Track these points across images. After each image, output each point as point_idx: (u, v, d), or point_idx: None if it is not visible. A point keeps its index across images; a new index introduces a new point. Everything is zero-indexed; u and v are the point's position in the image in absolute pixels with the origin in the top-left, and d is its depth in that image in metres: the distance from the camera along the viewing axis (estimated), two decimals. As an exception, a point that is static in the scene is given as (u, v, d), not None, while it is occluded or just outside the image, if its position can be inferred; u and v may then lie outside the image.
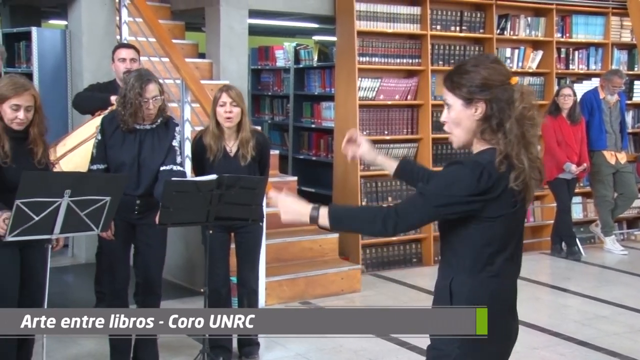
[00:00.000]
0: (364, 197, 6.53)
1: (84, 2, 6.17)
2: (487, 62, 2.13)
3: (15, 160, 3.33)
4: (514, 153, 2.07)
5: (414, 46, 6.81)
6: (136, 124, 3.78)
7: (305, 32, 11.20)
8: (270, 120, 8.98)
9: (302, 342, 4.61)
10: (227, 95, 4.01)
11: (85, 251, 6.31)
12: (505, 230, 2.14)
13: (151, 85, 3.73)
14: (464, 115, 2.12)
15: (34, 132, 3.39)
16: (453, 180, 2.08)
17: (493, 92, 2.08)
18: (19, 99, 3.30)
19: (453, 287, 2.16)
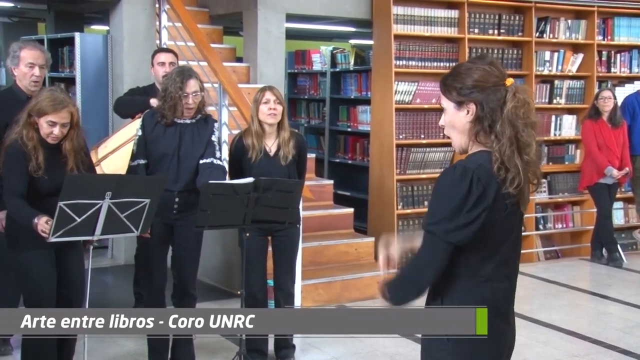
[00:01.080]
0: (400, 201, 6.51)
1: (125, 8, 6.28)
2: (481, 64, 2.10)
3: (48, 170, 3.37)
4: (506, 157, 2.03)
5: (451, 49, 6.77)
6: (176, 118, 3.83)
7: (342, 36, 11.22)
8: (306, 124, 9.01)
9: (338, 346, 4.61)
10: (271, 93, 4.07)
11: (124, 252, 6.41)
12: (495, 235, 2.08)
13: (192, 81, 3.80)
14: (457, 118, 2.11)
15: (66, 146, 3.42)
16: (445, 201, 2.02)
17: (484, 94, 2.06)
18: (55, 115, 3.34)
19: (444, 294, 2.14)
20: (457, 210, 2.00)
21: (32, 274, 3.43)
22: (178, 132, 3.85)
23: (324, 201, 6.15)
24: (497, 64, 2.13)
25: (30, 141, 3.34)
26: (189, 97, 3.79)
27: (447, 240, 2.02)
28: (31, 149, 3.34)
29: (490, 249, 2.10)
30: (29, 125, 3.36)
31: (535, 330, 4.98)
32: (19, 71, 4.02)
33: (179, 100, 3.77)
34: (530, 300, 5.70)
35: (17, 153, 3.35)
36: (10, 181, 3.39)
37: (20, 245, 3.43)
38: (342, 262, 5.76)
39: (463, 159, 2.11)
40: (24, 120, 3.37)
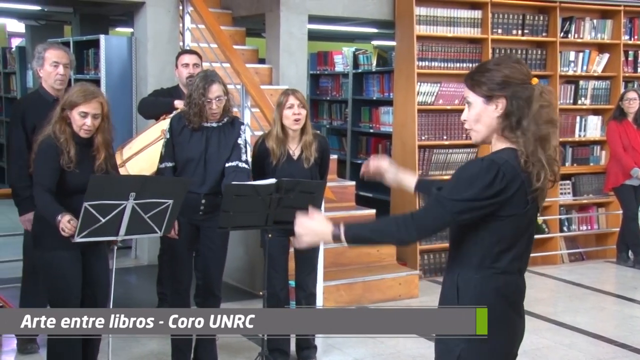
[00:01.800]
0: (422, 202, 6.47)
1: (149, 10, 6.34)
2: (509, 62, 2.17)
3: (79, 165, 3.42)
4: (530, 150, 2.10)
5: (474, 50, 6.73)
6: (202, 122, 3.86)
7: (364, 37, 11.22)
8: (328, 125, 9.01)
9: (360, 347, 4.61)
10: (295, 97, 4.07)
11: (147, 253, 6.46)
12: (514, 229, 2.15)
13: (215, 86, 3.82)
14: (485, 112, 2.16)
15: (98, 139, 3.48)
16: (467, 183, 2.09)
17: (513, 90, 2.12)
18: (87, 106, 3.40)
19: (459, 283, 2.20)
20: (474, 197, 2.07)
21: (58, 273, 3.47)
22: (204, 136, 3.88)
23: (346, 202, 6.15)
24: (523, 63, 2.21)
25: (63, 134, 3.40)
26: (212, 103, 3.82)
27: (456, 217, 2.10)
28: (63, 142, 3.39)
29: (508, 243, 2.16)
30: (62, 120, 3.43)
31: (560, 333, 4.93)
32: (44, 71, 4.09)
33: (203, 106, 3.80)
34: (554, 303, 5.65)
35: (50, 148, 3.40)
36: (40, 175, 3.44)
37: (46, 244, 3.48)
38: (364, 263, 5.76)
39: (490, 154, 2.17)
40: (57, 114, 3.44)
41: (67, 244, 3.29)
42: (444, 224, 2.15)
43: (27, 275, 4.32)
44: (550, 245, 7.07)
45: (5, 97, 10.45)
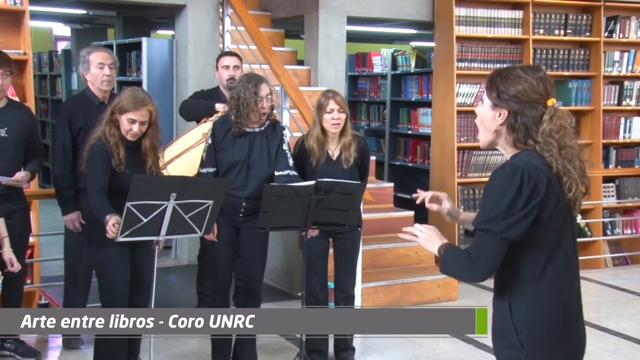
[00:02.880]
0: (461, 204, 6.42)
1: (190, 13, 6.42)
2: (532, 76, 2.11)
3: (129, 166, 3.50)
4: (560, 165, 2.06)
5: (515, 51, 6.65)
6: (247, 126, 3.89)
7: (402, 38, 11.17)
8: (366, 127, 9.00)
9: (398, 349, 4.59)
10: (335, 102, 4.06)
11: (187, 253, 6.54)
12: (556, 230, 2.09)
13: (264, 85, 3.89)
14: (488, 115, 2.15)
15: (146, 144, 3.58)
16: (498, 198, 2.03)
17: (520, 106, 2.09)
18: (135, 113, 3.48)
19: (512, 301, 2.12)
20: (511, 208, 2.02)
21: (108, 270, 3.56)
22: (248, 142, 3.91)
23: (385, 204, 6.13)
24: (547, 80, 2.14)
25: (112, 137, 3.50)
26: (263, 101, 3.85)
27: (503, 237, 2.03)
28: (113, 145, 3.49)
29: (550, 247, 2.09)
30: (111, 123, 3.52)
31: (604, 339, 4.83)
32: (91, 74, 4.16)
33: (255, 105, 3.82)
34: (598, 308, 5.53)
35: (101, 150, 3.50)
36: (94, 175, 3.53)
37: (97, 241, 3.57)
38: (403, 265, 5.73)
39: (509, 159, 2.14)
40: (107, 117, 3.53)
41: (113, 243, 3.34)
42: (498, 250, 2.04)
43: (69, 274, 4.41)
44: (593, 249, 6.93)
45: (51, 99, 10.70)
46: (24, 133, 4.06)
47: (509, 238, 2.03)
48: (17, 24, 4.82)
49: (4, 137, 3.90)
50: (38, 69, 10.68)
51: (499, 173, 2.07)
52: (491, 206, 2.05)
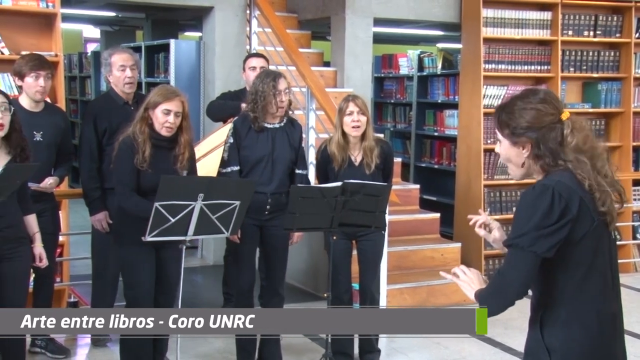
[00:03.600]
0: (487, 206, 6.38)
1: (217, 15, 6.46)
2: (534, 102, 2.07)
3: (153, 166, 3.51)
4: (592, 179, 2.02)
5: (543, 52, 6.59)
6: (266, 122, 3.93)
7: (429, 40, 11.13)
8: (392, 128, 8.98)
9: (424, 351, 4.58)
10: (354, 104, 4.07)
11: (213, 253, 6.59)
12: (590, 250, 2.04)
13: (282, 79, 3.93)
14: (513, 153, 2.11)
15: (184, 138, 3.59)
16: (527, 216, 2.00)
17: (539, 133, 2.05)
18: (169, 104, 3.50)
19: (544, 320, 2.08)
20: (541, 224, 1.98)
21: (132, 269, 3.60)
22: (270, 137, 3.94)
23: (410, 206, 6.12)
24: (551, 99, 2.09)
25: (142, 135, 3.51)
26: (281, 95, 3.88)
27: (532, 250, 1.99)
28: (140, 142, 3.50)
29: (584, 268, 2.04)
30: (143, 120, 3.53)
31: (635, 345, 4.76)
32: (113, 76, 4.21)
33: (273, 98, 3.85)
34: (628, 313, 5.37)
35: (127, 148, 3.52)
36: (122, 173, 3.55)
37: (123, 241, 3.61)
38: (428, 267, 5.71)
39: (541, 179, 2.09)
40: (140, 114, 3.54)
41: (142, 241, 3.37)
42: (528, 264, 2.00)
43: (97, 273, 4.47)
44: (622, 252, 6.83)
45: (81, 100, 10.85)
46: (57, 137, 4.11)
47: (538, 252, 1.99)
48: (49, 26, 4.90)
49: (39, 141, 3.94)
50: (68, 70, 10.82)
51: (529, 192, 2.03)
52: (520, 224, 2.02)
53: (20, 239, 3.37)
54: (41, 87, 3.98)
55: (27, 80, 3.96)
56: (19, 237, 3.36)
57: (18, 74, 4.00)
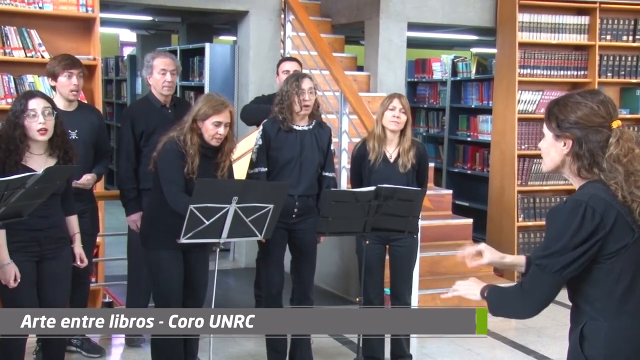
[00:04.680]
0: (521, 213, 6.32)
1: (252, 19, 6.52)
2: (591, 101, 2.04)
3: (201, 175, 3.51)
4: (626, 191, 1.96)
5: (580, 57, 6.51)
6: (294, 124, 3.96)
7: (463, 44, 11.07)
8: (425, 133, 8.95)
9: (455, 357, 4.55)
10: (399, 101, 4.10)
11: (245, 256, 6.63)
12: (631, 263, 1.99)
13: (307, 79, 3.97)
14: (553, 148, 2.08)
15: (227, 147, 3.61)
16: (557, 234, 1.97)
17: (584, 132, 2.02)
18: (219, 116, 3.51)
19: (586, 333, 2.04)
20: (568, 245, 1.96)
21: (161, 272, 3.63)
22: (299, 139, 3.97)
23: (443, 211, 6.08)
24: (608, 103, 2.06)
25: (193, 147, 3.50)
26: (305, 93, 3.91)
27: (559, 276, 1.99)
28: (192, 153, 3.49)
29: (627, 280, 2.00)
30: (193, 131, 3.52)
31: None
32: (153, 79, 4.27)
33: (296, 97, 3.89)
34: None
35: (177, 151, 3.50)
36: (175, 177, 3.50)
37: (152, 243, 3.65)
38: (460, 273, 5.64)
39: (574, 194, 2.06)
40: (189, 125, 3.53)
41: (171, 243, 3.40)
42: (553, 286, 2.00)
43: (132, 273, 4.53)
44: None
45: (117, 102, 11.02)
46: (93, 135, 4.18)
47: (564, 276, 1.99)
48: (88, 30, 4.99)
49: (74, 140, 4.02)
50: (105, 73, 11.01)
51: (560, 208, 2.01)
52: (549, 242, 2.00)
53: (62, 240, 3.43)
54: (74, 86, 4.05)
55: (60, 79, 4.04)
56: (61, 238, 3.42)
57: (51, 75, 4.08)
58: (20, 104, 3.24)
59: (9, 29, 4.71)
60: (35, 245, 3.31)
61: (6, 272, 3.16)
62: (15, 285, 3.17)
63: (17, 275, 3.18)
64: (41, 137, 3.26)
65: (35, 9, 4.77)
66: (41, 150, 3.31)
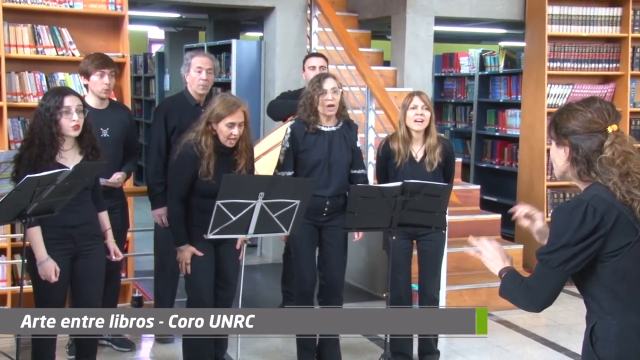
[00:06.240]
0: (550, 208, 6.24)
1: (278, 15, 6.52)
2: (588, 108, 2.11)
3: (215, 175, 3.55)
4: (625, 191, 2.01)
5: (612, 50, 6.39)
6: (321, 125, 3.95)
7: (491, 38, 10.95)
8: (452, 128, 8.88)
9: (485, 354, 4.51)
10: (419, 98, 4.07)
11: (272, 251, 6.65)
12: (636, 261, 2.04)
13: (329, 79, 3.96)
14: (557, 155, 2.17)
15: (242, 145, 3.64)
16: (560, 232, 2.04)
17: (578, 138, 2.10)
18: (232, 117, 3.54)
19: (597, 333, 2.07)
20: (570, 241, 2.01)
21: (193, 266, 3.66)
22: (327, 140, 3.97)
23: (471, 206, 6.03)
24: (604, 109, 2.12)
25: (208, 148, 3.55)
26: (327, 93, 3.90)
27: (560, 269, 2.03)
28: (207, 155, 3.55)
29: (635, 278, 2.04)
30: (207, 133, 3.57)
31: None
32: (190, 77, 4.30)
33: (319, 97, 3.89)
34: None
35: (190, 157, 3.57)
36: (177, 184, 3.66)
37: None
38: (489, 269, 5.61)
39: (579, 193, 2.12)
40: (202, 127, 3.58)
41: (202, 237, 3.44)
42: (555, 282, 2.06)
43: (158, 269, 4.57)
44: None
45: (145, 99, 11.12)
46: (123, 133, 4.22)
47: (565, 270, 2.04)
48: (117, 28, 5.04)
49: (106, 137, 4.06)
50: (133, 70, 11.11)
51: (564, 207, 2.08)
52: (553, 239, 2.06)
53: (95, 236, 3.47)
54: (106, 85, 4.10)
55: (92, 78, 4.09)
56: (94, 234, 3.46)
57: (84, 73, 4.13)
58: (55, 101, 3.27)
59: (41, 28, 4.78)
60: (70, 242, 3.35)
61: (46, 267, 3.21)
62: (56, 279, 3.21)
63: (57, 271, 3.23)
64: (74, 132, 3.30)
65: (66, 7, 4.83)
66: (69, 146, 3.36)
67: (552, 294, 2.07)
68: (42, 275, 3.21)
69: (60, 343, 4.00)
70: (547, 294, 2.07)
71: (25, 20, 4.76)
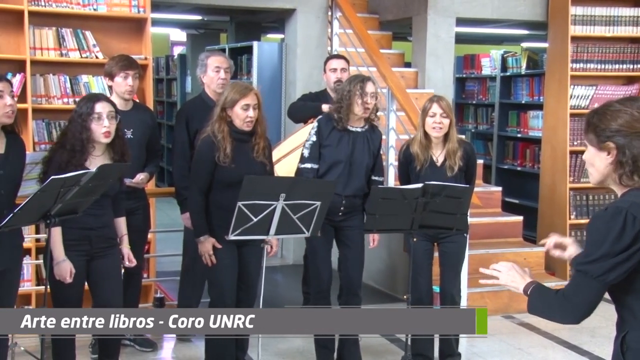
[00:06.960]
0: (573, 210, 6.18)
1: (299, 17, 6.54)
2: (630, 107, 2.01)
3: (235, 160, 3.60)
4: None
5: (636, 51, 6.32)
6: (349, 125, 3.96)
7: (512, 39, 10.88)
8: (474, 129, 8.84)
9: (506, 357, 4.49)
10: (438, 106, 4.04)
11: (293, 252, 6.67)
12: None
13: (371, 83, 3.99)
14: (597, 158, 2.05)
15: (260, 129, 3.69)
16: (599, 241, 1.95)
17: (627, 139, 1.99)
18: (246, 99, 3.60)
19: (629, 342, 2.01)
20: (610, 251, 1.94)
21: (216, 267, 3.69)
22: (351, 140, 3.97)
23: (492, 208, 6.00)
24: None
25: (221, 133, 3.61)
26: (367, 97, 3.91)
27: (601, 279, 1.96)
28: (221, 139, 3.60)
29: None
30: (221, 119, 3.64)
31: None
32: (207, 77, 4.34)
33: (360, 99, 3.89)
34: None
35: (208, 149, 3.62)
36: (197, 174, 3.69)
37: None
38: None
39: (615, 201, 2.03)
40: (217, 115, 3.65)
41: (224, 239, 3.47)
42: (596, 292, 1.98)
43: (185, 271, 4.60)
44: None
45: (167, 101, 11.20)
46: (146, 135, 4.27)
47: (606, 281, 1.97)
48: (140, 30, 5.09)
49: (130, 139, 4.10)
50: (155, 72, 11.22)
51: (601, 215, 1.99)
52: (591, 249, 1.98)
53: (111, 240, 3.51)
54: (130, 86, 4.14)
55: (116, 80, 4.14)
56: (110, 238, 3.50)
57: (108, 75, 4.18)
58: (87, 107, 3.33)
59: (65, 31, 4.84)
60: (86, 244, 3.39)
61: (62, 268, 3.26)
62: (70, 280, 3.26)
63: (72, 272, 3.27)
64: (105, 139, 3.36)
65: (90, 10, 4.89)
66: (100, 152, 3.40)
67: (592, 305, 2.01)
68: (57, 275, 3.25)
69: (83, 342, 4.05)
70: (587, 305, 2.00)
71: (50, 23, 4.83)
